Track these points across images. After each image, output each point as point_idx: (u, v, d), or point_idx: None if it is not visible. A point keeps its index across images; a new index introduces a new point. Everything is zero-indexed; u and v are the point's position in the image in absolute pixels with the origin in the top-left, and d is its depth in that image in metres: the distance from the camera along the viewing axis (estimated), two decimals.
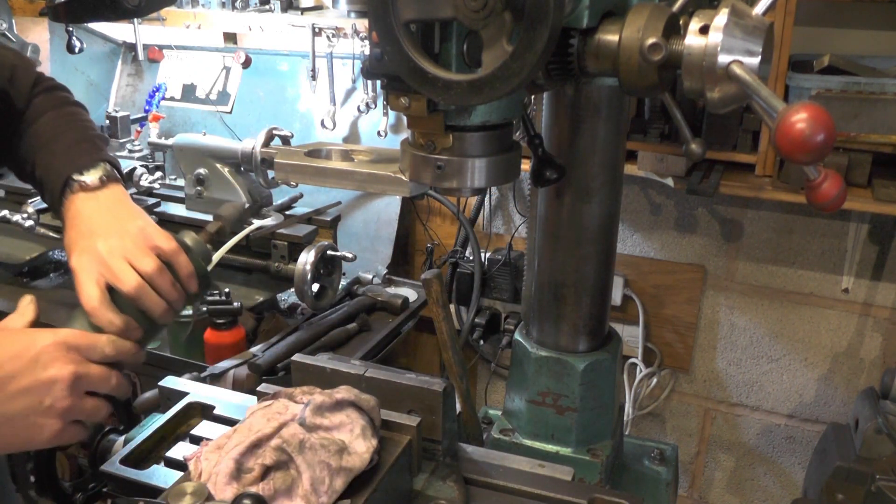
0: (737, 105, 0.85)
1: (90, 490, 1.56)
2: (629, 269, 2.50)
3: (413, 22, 0.81)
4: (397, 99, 0.88)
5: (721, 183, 2.05)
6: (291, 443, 0.99)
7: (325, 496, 0.96)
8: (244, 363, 1.96)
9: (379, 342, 2.22)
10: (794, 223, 2.29)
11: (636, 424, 2.64)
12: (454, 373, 1.33)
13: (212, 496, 0.95)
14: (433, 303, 1.29)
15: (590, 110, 1.18)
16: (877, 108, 1.83)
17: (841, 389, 2.39)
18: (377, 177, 1.05)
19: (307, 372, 1.22)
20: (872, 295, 2.27)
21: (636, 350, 2.51)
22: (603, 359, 1.32)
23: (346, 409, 1.08)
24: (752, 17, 0.82)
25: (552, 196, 1.25)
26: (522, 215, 2.59)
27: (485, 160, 0.93)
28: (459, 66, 0.86)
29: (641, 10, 0.86)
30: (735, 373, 2.52)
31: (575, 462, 1.30)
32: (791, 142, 0.73)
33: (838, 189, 0.81)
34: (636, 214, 2.46)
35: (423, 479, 1.15)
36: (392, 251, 2.68)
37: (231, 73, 2.91)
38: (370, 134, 2.63)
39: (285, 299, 2.47)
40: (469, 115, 0.90)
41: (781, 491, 2.57)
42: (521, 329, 1.40)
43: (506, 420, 1.40)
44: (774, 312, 2.40)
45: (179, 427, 1.29)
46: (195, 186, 2.42)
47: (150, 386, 1.60)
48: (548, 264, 1.31)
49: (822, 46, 2.05)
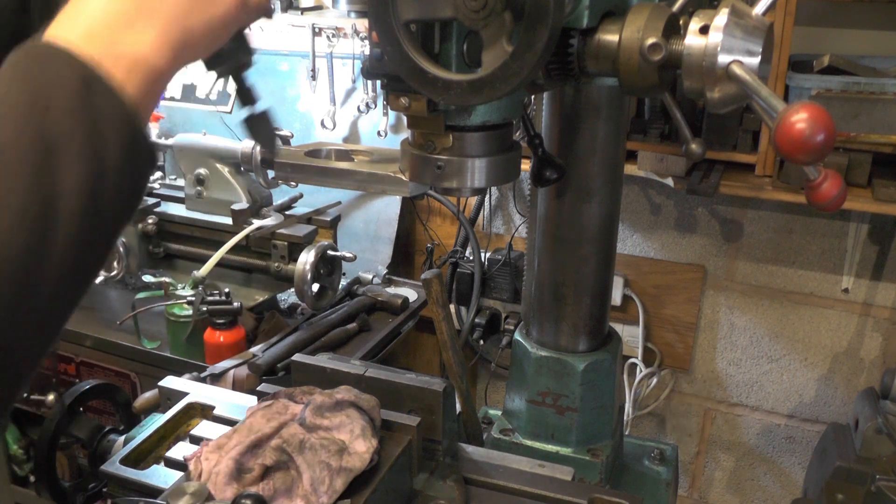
0: (737, 105, 0.85)
1: (90, 490, 1.57)
2: (629, 269, 2.50)
3: (413, 22, 0.81)
4: (397, 99, 0.88)
5: (721, 183, 2.05)
6: (291, 443, 0.99)
7: (325, 496, 0.96)
8: (244, 363, 1.96)
9: (379, 342, 2.22)
10: (794, 223, 2.29)
11: (636, 424, 2.64)
12: (454, 373, 1.33)
13: (212, 496, 0.95)
14: (433, 303, 1.29)
15: (590, 110, 1.18)
16: (877, 108, 1.83)
17: (841, 389, 2.39)
18: (377, 177, 1.05)
19: (307, 372, 1.22)
20: (872, 295, 2.27)
21: (636, 350, 2.51)
22: (603, 359, 1.32)
23: (346, 409, 1.08)
24: (752, 17, 0.82)
25: (552, 196, 1.25)
26: (522, 215, 2.59)
27: (485, 160, 0.93)
28: (459, 66, 0.86)
29: (641, 10, 0.86)
30: (735, 373, 2.52)
31: (575, 462, 1.30)
32: (791, 142, 0.73)
33: (838, 189, 0.81)
34: (636, 214, 2.46)
35: (423, 479, 1.15)
36: (392, 251, 2.68)
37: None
38: (370, 134, 2.63)
39: (285, 299, 2.47)
40: (469, 115, 0.90)
41: (781, 491, 2.57)
42: (521, 329, 1.40)
43: (506, 420, 1.40)
44: (774, 312, 2.40)
45: (179, 427, 1.30)
46: (195, 186, 2.42)
47: (150, 386, 1.60)
48: (548, 264, 1.31)
49: (822, 46, 2.05)
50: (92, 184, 0.57)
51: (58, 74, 0.59)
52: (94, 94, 0.59)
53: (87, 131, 0.57)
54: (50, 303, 0.58)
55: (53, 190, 0.55)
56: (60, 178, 0.56)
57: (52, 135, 0.56)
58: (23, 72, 0.59)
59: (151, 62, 0.65)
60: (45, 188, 0.55)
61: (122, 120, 0.61)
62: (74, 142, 0.56)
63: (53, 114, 0.57)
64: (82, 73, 0.59)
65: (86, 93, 0.59)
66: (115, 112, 0.60)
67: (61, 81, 0.58)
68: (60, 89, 0.58)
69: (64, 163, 0.56)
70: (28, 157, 0.55)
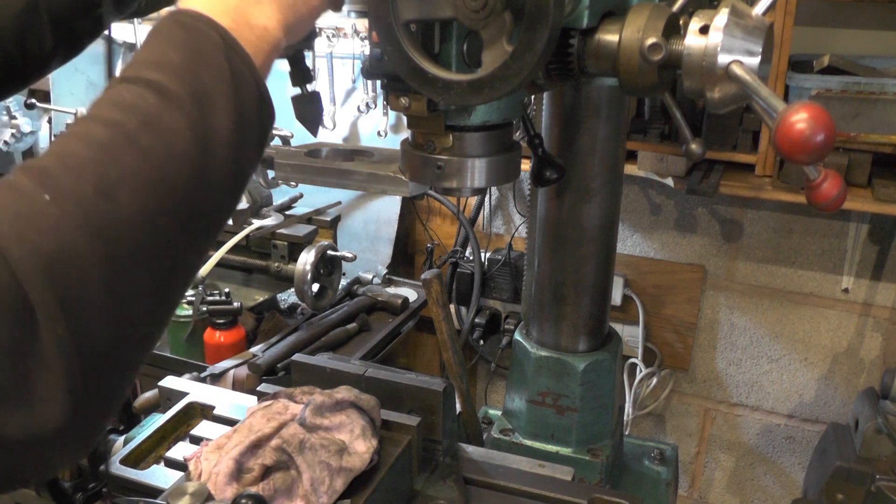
0: (737, 105, 0.85)
1: (90, 490, 1.57)
2: (629, 269, 2.50)
3: (413, 22, 0.81)
4: (397, 99, 0.88)
5: (721, 183, 2.05)
6: (291, 443, 0.99)
7: (325, 496, 0.96)
8: (244, 363, 1.96)
9: (379, 342, 2.22)
10: (794, 223, 2.29)
11: (636, 424, 2.64)
12: (454, 373, 1.33)
13: (212, 496, 0.95)
14: (433, 303, 1.29)
15: (590, 110, 1.18)
16: (877, 108, 1.83)
17: (841, 389, 2.39)
18: (377, 177, 1.05)
19: (307, 372, 1.22)
20: (872, 295, 2.27)
21: (636, 350, 2.51)
22: (603, 359, 1.32)
23: (347, 409, 1.08)
24: (752, 17, 0.82)
25: (552, 196, 1.25)
26: (522, 215, 2.59)
27: (485, 160, 0.93)
28: (459, 66, 0.86)
29: (641, 10, 0.86)
30: (735, 373, 2.52)
31: (575, 462, 1.30)
32: (791, 142, 0.73)
33: (838, 189, 0.81)
34: (636, 214, 2.46)
35: (423, 479, 1.15)
36: (392, 251, 2.68)
37: None
38: (370, 134, 2.63)
39: (285, 299, 2.47)
40: (469, 115, 0.90)
41: (781, 491, 2.57)
42: (521, 329, 1.40)
43: (506, 420, 1.40)
44: (774, 312, 2.40)
45: (179, 427, 1.30)
46: None
47: (150, 386, 1.60)
48: (548, 264, 1.31)
49: (822, 46, 2.05)
50: (235, 128, 0.69)
51: (208, 39, 0.70)
52: (234, 57, 0.70)
53: (232, 88, 0.69)
54: (209, 221, 0.71)
55: (210, 131, 0.67)
56: (215, 122, 0.67)
57: (208, 88, 0.67)
58: (178, 36, 0.70)
59: (273, 35, 0.77)
60: (205, 128, 0.67)
61: (254, 80, 0.72)
62: (223, 95, 0.68)
63: (208, 70, 0.68)
64: (224, 39, 0.71)
65: (228, 55, 0.70)
66: (249, 73, 0.71)
67: (210, 45, 0.69)
68: (210, 51, 0.69)
69: (216, 111, 0.67)
70: (192, 104, 0.66)
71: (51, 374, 0.56)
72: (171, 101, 0.65)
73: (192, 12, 0.72)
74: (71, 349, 0.57)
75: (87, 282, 0.58)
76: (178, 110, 0.65)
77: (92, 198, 0.59)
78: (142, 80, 0.66)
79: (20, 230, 0.56)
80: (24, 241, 0.56)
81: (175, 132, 0.65)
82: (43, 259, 0.56)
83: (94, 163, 0.61)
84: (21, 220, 0.57)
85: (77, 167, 0.61)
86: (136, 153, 0.63)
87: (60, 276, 0.56)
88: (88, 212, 0.59)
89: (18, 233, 0.56)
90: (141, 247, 0.62)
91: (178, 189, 0.65)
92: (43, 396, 0.56)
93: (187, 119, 0.66)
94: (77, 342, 0.57)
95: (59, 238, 0.57)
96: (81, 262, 0.57)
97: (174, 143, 0.65)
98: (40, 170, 0.60)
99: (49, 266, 0.56)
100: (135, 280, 0.62)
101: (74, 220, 0.58)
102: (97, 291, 0.58)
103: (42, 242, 0.56)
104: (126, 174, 0.62)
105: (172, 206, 0.64)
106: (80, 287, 0.57)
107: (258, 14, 0.76)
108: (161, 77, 0.66)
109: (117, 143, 0.63)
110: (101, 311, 0.59)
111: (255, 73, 0.72)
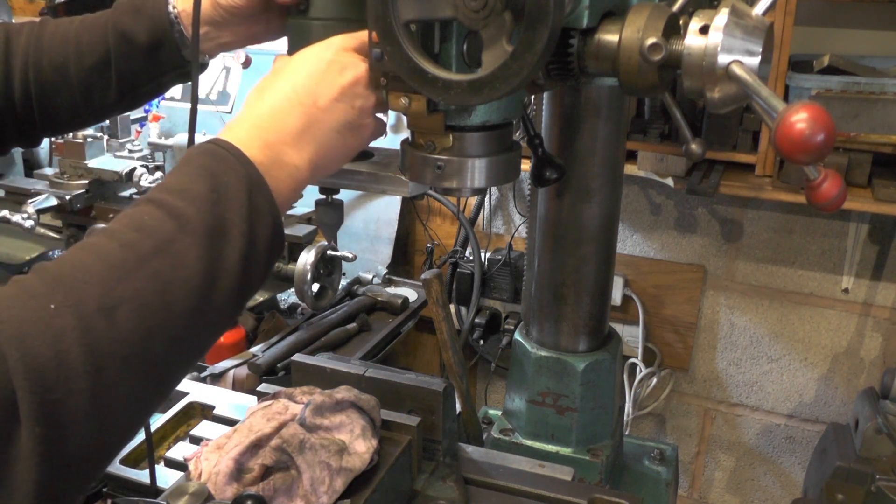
0: (737, 105, 0.85)
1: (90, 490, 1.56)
2: (629, 269, 2.50)
3: (413, 22, 0.81)
4: (397, 99, 0.88)
5: (721, 183, 2.05)
6: (291, 443, 0.99)
7: (325, 496, 0.96)
8: (244, 363, 1.96)
9: (379, 342, 2.22)
10: (794, 223, 2.29)
11: (636, 424, 2.64)
12: (454, 373, 1.33)
13: (212, 496, 0.95)
14: (433, 303, 1.29)
15: (590, 110, 1.18)
16: (877, 108, 1.83)
17: (841, 389, 2.39)
18: (377, 177, 1.05)
19: (307, 372, 1.22)
20: (872, 295, 2.27)
21: (636, 350, 2.51)
22: (603, 359, 1.32)
23: (347, 409, 1.08)
24: (752, 17, 0.82)
25: (552, 196, 1.25)
26: (522, 215, 2.59)
27: (485, 160, 0.93)
28: (459, 66, 0.86)
29: (641, 10, 0.86)
30: (735, 373, 2.52)
31: (575, 462, 1.30)
32: (791, 142, 0.73)
33: (838, 189, 0.81)
34: (636, 214, 2.46)
35: (423, 479, 1.15)
36: (392, 251, 2.68)
37: (231, 73, 2.91)
38: None
39: (285, 299, 2.47)
40: (469, 115, 0.90)
41: (781, 491, 2.57)
42: (521, 329, 1.40)
43: (506, 420, 1.40)
44: (774, 312, 2.40)
45: (179, 427, 1.30)
46: None
47: None
48: (548, 264, 1.31)
49: (822, 46, 2.05)
50: (244, 262, 0.74)
51: (235, 173, 0.75)
52: (256, 193, 0.76)
53: (248, 224, 0.74)
54: (203, 339, 0.76)
55: (219, 262, 0.72)
56: (225, 255, 0.72)
57: (224, 222, 0.73)
58: (208, 166, 0.75)
59: (302, 174, 0.82)
60: (217, 255, 0.72)
61: (272, 217, 0.77)
62: (237, 229, 0.73)
63: (228, 204, 0.73)
64: (249, 175, 0.76)
65: (250, 190, 0.75)
66: (268, 210, 0.76)
67: (235, 180, 0.75)
68: (234, 186, 0.74)
69: (228, 244, 0.73)
70: (206, 232, 0.71)
71: (24, 466, 0.59)
72: (185, 229, 0.70)
73: (227, 144, 0.77)
74: (45, 448, 0.60)
75: (73, 389, 0.62)
76: (190, 238, 0.70)
77: (93, 313, 0.64)
78: (165, 205, 0.71)
79: (22, 333, 0.61)
80: (22, 344, 0.60)
81: (184, 260, 0.69)
82: (35, 363, 0.60)
83: (101, 280, 0.66)
84: (25, 325, 0.61)
85: (85, 281, 0.65)
86: (143, 276, 0.67)
87: (47, 381, 0.61)
88: (87, 326, 0.63)
89: (20, 336, 0.61)
90: (131, 363, 0.66)
91: (178, 314, 0.69)
92: (13, 486, 0.60)
93: (198, 249, 0.70)
94: (53, 443, 0.61)
95: (55, 346, 0.61)
96: (70, 371, 0.62)
97: (181, 271, 0.69)
98: (54, 278, 0.65)
99: (38, 370, 0.60)
100: (120, 391, 0.65)
101: (72, 332, 0.62)
102: (81, 399, 0.62)
103: (38, 348, 0.61)
104: (129, 295, 0.66)
105: (169, 328, 0.68)
106: (64, 393, 0.61)
107: (293, 154, 0.81)
108: (182, 204, 0.71)
109: (128, 264, 0.67)
110: (82, 416, 0.62)
111: (275, 211, 0.77)
